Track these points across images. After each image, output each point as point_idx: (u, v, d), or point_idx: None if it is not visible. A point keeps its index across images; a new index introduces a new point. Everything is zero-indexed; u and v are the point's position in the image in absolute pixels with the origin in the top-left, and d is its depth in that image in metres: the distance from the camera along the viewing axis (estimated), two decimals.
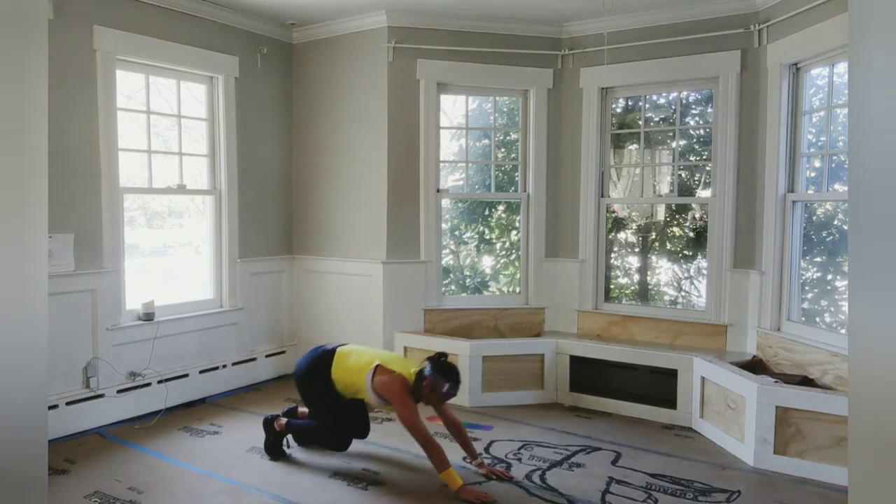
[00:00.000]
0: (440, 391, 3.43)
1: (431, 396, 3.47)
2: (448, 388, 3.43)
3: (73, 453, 3.79)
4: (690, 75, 4.74)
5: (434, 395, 3.46)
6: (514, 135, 5.44)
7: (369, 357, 3.63)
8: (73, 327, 4.07)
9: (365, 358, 3.62)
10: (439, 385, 3.42)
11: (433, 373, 3.45)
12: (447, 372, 3.46)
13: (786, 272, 4.35)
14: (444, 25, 5.00)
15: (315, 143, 5.43)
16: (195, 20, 4.70)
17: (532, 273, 5.30)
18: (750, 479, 3.55)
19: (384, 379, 3.49)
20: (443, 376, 3.43)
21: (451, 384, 3.44)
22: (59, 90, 3.94)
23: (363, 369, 3.56)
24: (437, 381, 3.42)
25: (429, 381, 3.44)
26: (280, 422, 3.78)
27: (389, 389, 3.45)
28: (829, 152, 4.13)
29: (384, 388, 3.47)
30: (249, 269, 5.18)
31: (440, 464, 3.29)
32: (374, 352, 3.74)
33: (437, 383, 3.42)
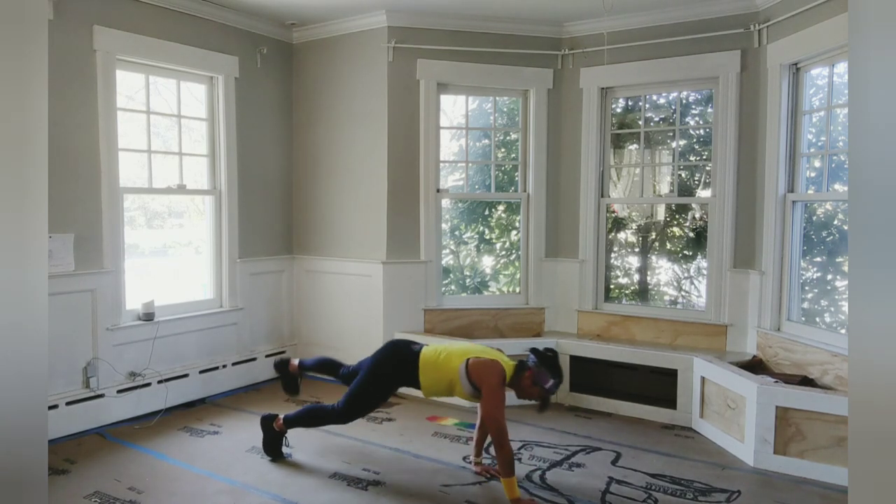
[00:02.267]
0: (542, 385, 3.26)
1: (532, 390, 3.30)
2: (552, 383, 3.27)
3: (73, 453, 3.79)
4: (690, 75, 4.74)
5: (535, 389, 3.29)
6: (514, 135, 5.44)
7: (462, 349, 3.45)
8: (73, 327, 4.07)
9: (458, 350, 3.44)
10: (543, 378, 3.26)
11: (538, 365, 3.28)
12: (553, 366, 3.29)
13: (786, 272, 4.35)
14: (444, 25, 5.00)
15: (315, 143, 5.43)
16: (195, 20, 4.70)
17: (532, 273, 5.30)
18: (750, 479, 3.55)
19: (481, 368, 3.27)
20: (549, 370, 3.27)
21: (555, 380, 3.28)
22: (59, 90, 3.94)
23: (457, 359, 3.37)
24: (541, 374, 3.26)
25: (532, 372, 3.28)
26: (278, 422, 3.78)
27: (486, 378, 3.24)
28: (829, 152, 4.13)
29: (480, 373, 3.26)
30: (249, 269, 5.18)
31: (506, 469, 3.14)
32: (467, 345, 3.56)
33: (541, 376, 3.26)
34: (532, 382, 3.29)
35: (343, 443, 3.99)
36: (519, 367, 3.35)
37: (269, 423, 3.77)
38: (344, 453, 3.83)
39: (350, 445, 3.93)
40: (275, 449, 3.76)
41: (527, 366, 3.32)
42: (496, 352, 3.48)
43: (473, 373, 3.28)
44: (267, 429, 3.77)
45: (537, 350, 3.36)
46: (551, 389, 3.28)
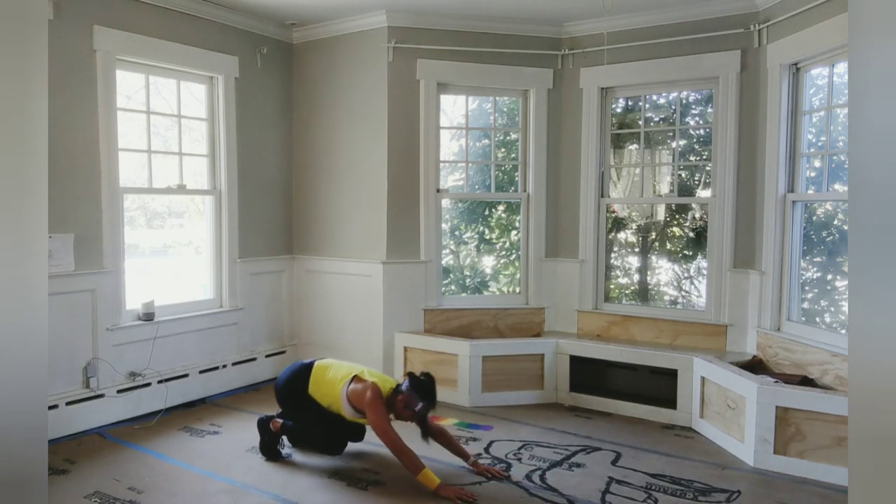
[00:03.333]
0: (413, 408, 3.42)
1: (404, 412, 3.46)
2: (422, 406, 3.41)
3: (73, 453, 3.79)
4: (690, 75, 4.73)
5: (407, 412, 3.45)
6: (514, 135, 5.44)
7: (347, 370, 3.65)
8: (73, 327, 4.07)
9: (343, 371, 3.64)
10: (413, 402, 3.41)
11: (410, 388, 3.45)
12: (424, 390, 3.45)
13: (786, 272, 4.35)
14: (443, 25, 5.00)
15: (315, 144, 5.43)
16: (195, 20, 4.70)
17: (532, 273, 5.30)
18: (750, 479, 3.55)
19: (357, 388, 3.51)
20: (419, 394, 3.42)
21: (425, 403, 3.42)
22: (59, 90, 3.93)
23: (340, 381, 3.58)
24: (411, 398, 3.42)
25: (404, 396, 3.45)
26: (275, 423, 3.78)
27: (361, 397, 3.46)
28: (829, 152, 4.13)
29: (357, 397, 3.49)
30: (249, 269, 5.18)
31: (414, 468, 3.30)
32: (352, 366, 3.73)
33: (411, 399, 3.42)
34: (404, 406, 3.44)
35: None
36: (394, 392, 3.51)
37: (266, 424, 3.79)
38: (344, 453, 3.83)
39: (350, 445, 3.93)
40: (271, 450, 3.76)
41: (400, 390, 3.49)
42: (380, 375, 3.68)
43: (352, 398, 3.52)
44: (264, 430, 3.78)
45: (413, 374, 3.52)
46: (421, 412, 3.42)
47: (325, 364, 3.74)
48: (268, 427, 3.78)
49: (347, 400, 3.53)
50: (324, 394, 3.63)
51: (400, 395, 3.47)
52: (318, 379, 3.67)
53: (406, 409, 3.44)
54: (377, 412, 3.41)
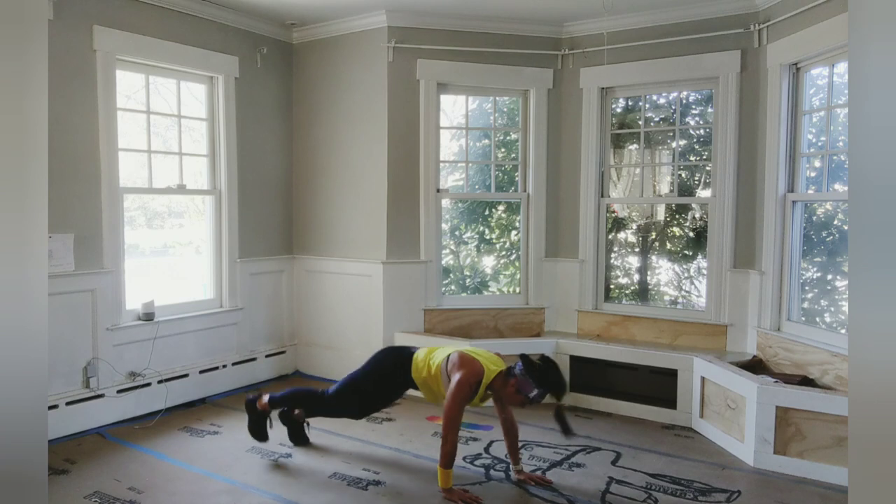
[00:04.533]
0: (526, 394, 3.17)
1: (515, 398, 3.21)
2: (536, 394, 3.15)
3: (73, 453, 3.79)
4: (690, 75, 4.74)
5: (518, 397, 3.20)
6: (514, 135, 5.44)
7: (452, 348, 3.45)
8: (73, 327, 4.07)
9: (447, 350, 3.44)
10: (527, 388, 3.15)
11: (524, 373, 3.17)
12: (542, 377, 3.16)
13: (786, 272, 4.35)
14: (444, 25, 5.00)
15: (315, 143, 5.43)
16: (195, 20, 4.70)
17: (532, 273, 5.30)
18: (750, 479, 3.55)
19: (460, 359, 3.25)
20: (534, 380, 3.15)
21: (540, 391, 3.15)
22: (59, 90, 3.94)
23: (441, 356, 3.38)
24: (525, 383, 3.16)
25: (517, 380, 3.19)
26: (262, 401, 3.76)
27: (459, 369, 3.22)
28: (829, 152, 4.13)
29: (456, 367, 3.24)
30: (249, 269, 5.18)
31: (445, 460, 3.17)
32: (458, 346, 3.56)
33: (524, 385, 3.16)
34: (515, 390, 3.20)
35: (343, 443, 3.99)
36: (506, 373, 3.28)
37: (253, 404, 3.78)
38: (344, 453, 3.83)
39: (350, 445, 3.93)
40: (259, 430, 3.76)
41: (513, 373, 3.24)
42: (490, 355, 3.42)
43: (451, 366, 3.28)
44: (251, 410, 3.78)
45: (526, 357, 3.25)
46: (535, 399, 3.18)
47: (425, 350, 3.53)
48: (255, 407, 3.77)
49: (446, 372, 3.29)
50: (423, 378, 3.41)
51: (513, 378, 3.21)
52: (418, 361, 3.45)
53: (518, 393, 3.19)
54: (460, 392, 3.16)
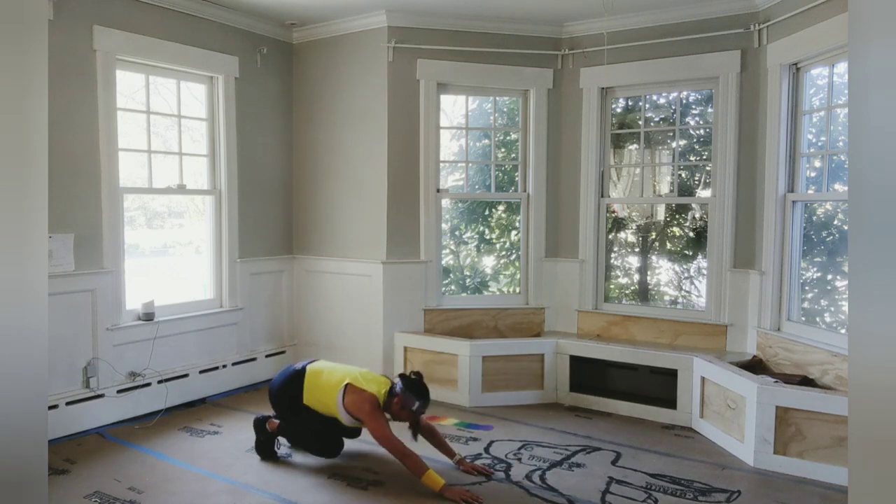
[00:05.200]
0: (410, 408, 3.46)
1: (402, 413, 3.50)
2: (418, 405, 3.46)
3: (73, 453, 3.79)
4: (690, 75, 4.74)
5: (404, 413, 3.49)
6: (514, 135, 5.44)
7: (340, 375, 3.62)
8: (73, 327, 4.07)
9: (336, 377, 3.62)
10: (409, 402, 3.45)
11: (404, 390, 3.47)
12: (418, 389, 3.48)
13: (786, 272, 4.35)
14: (444, 25, 5.00)
15: (315, 143, 5.43)
16: (195, 20, 4.70)
17: (532, 273, 5.30)
18: (750, 479, 3.55)
19: (354, 398, 3.50)
20: (414, 393, 3.46)
21: (421, 402, 3.47)
22: (59, 90, 3.94)
23: (334, 388, 3.57)
24: (407, 399, 3.46)
25: (399, 398, 3.47)
26: (272, 423, 3.78)
27: (360, 408, 3.48)
28: (829, 152, 4.13)
29: (355, 407, 3.49)
30: (249, 269, 5.18)
31: (418, 469, 3.30)
32: (345, 369, 3.70)
33: (407, 400, 3.46)
34: (401, 407, 3.47)
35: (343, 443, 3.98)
36: (389, 394, 3.54)
37: (263, 424, 3.78)
38: (344, 453, 3.83)
39: (350, 445, 3.93)
40: (267, 450, 3.76)
41: (395, 392, 3.51)
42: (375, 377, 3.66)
43: (350, 408, 3.52)
44: (260, 430, 3.78)
45: (403, 375, 3.55)
46: (419, 411, 3.48)
47: (317, 369, 3.71)
48: (264, 427, 3.77)
49: (345, 409, 3.53)
50: (319, 400, 3.62)
51: (396, 397, 3.49)
52: (311, 385, 3.65)
53: (403, 409, 3.48)
54: (377, 423, 3.43)
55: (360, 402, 3.48)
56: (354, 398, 3.50)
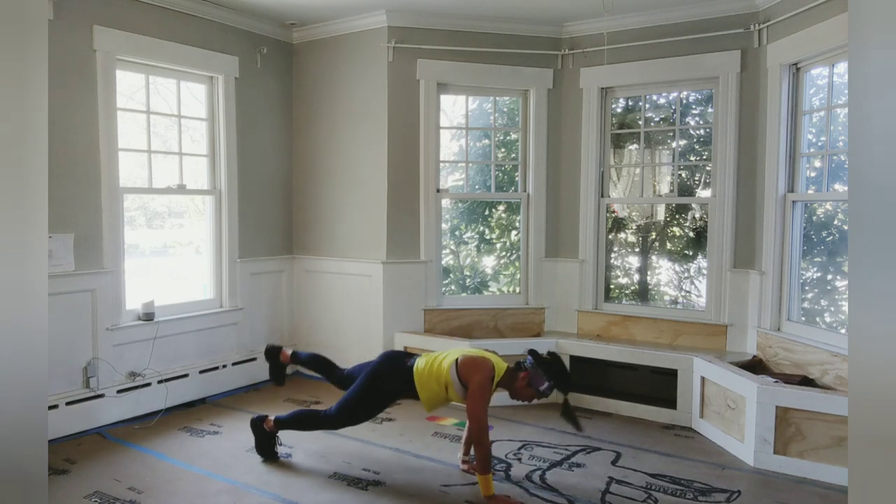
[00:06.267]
0: (537, 387, 3.25)
1: (526, 391, 3.29)
2: (546, 387, 3.24)
3: (73, 453, 3.79)
4: (690, 75, 4.74)
5: (529, 391, 3.28)
6: (514, 135, 5.44)
7: (453, 351, 3.46)
8: (73, 327, 4.07)
9: (448, 354, 3.44)
10: (538, 381, 3.25)
11: (535, 366, 3.27)
12: (553, 370, 3.26)
13: (786, 272, 4.35)
14: (443, 25, 5.00)
15: (315, 143, 5.43)
16: (195, 20, 4.70)
17: (532, 273, 5.30)
18: (750, 479, 3.55)
19: (470, 363, 3.27)
20: (545, 372, 3.24)
21: (550, 384, 3.24)
22: (59, 90, 3.93)
23: (447, 363, 3.36)
24: (536, 377, 3.25)
25: (528, 374, 3.27)
26: (269, 422, 3.75)
27: (474, 371, 3.24)
28: (829, 152, 4.13)
29: (468, 370, 3.25)
30: (249, 269, 5.18)
31: (483, 465, 3.16)
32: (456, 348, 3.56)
33: (536, 378, 3.25)
34: (527, 384, 3.29)
35: (343, 443, 3.99)
36: (515, 368, 3.36)
37: (260, 424, 3.75)
38: (344, 453, 3.83)
39: (350, 445, 3.93)
40: (267, 449, 3.75)
41: (523, 367, 3.33)
42: (491, 354, 3.47)
43: (463, 370, 3.30)
44: (257, 430, 3.75)
45: (535, 352, 3.34)
46: (545, 392, 3.27)
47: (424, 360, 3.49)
48: (262, 427, 3.74)
49: (457, 375, 3.29)
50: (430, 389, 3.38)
51: (523, 371, 3.29)
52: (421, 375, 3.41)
53: (529, 387, 3.27)
54: (482, 395, 3.20)
55: (477, 369, 3.25)
56: (470, 364, 3.28)
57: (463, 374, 3.29)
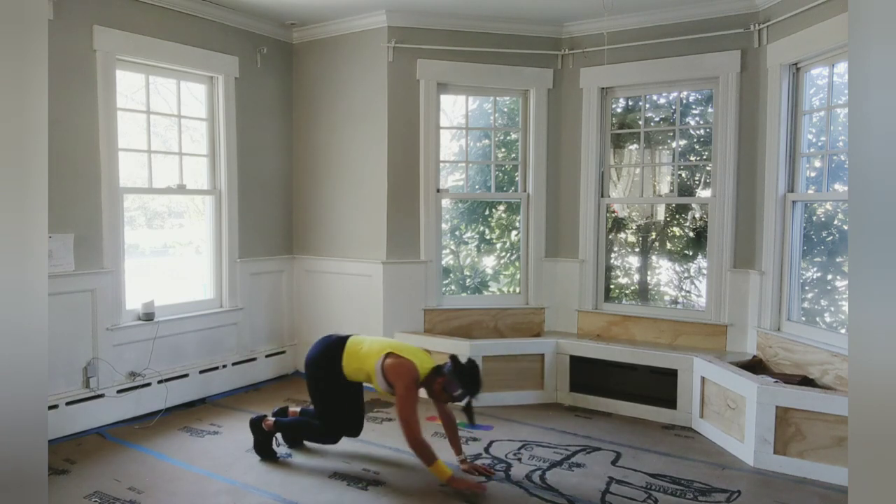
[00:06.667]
0: (451, 393, 3.38)
1: (441, 395, 3.43)
2: (460, 393, 3.36)
3: (73, 453, 3.79)
4: (690, 75, 4.74)
5: (444, 395, 3.42)
6: (514, 135, 5.44)
7: (383, 344, 3.58)
8: (73, 327, 4.07)
9: (378, 345, 3.57)
10: (453, 387, 3.37)
11: (452, 372, 3.38)
12: (467, 378, 3.37)
13: (786, 272, 4.35)
14: (444, 25, 5.00)
15: (315, 143, 5.43)
16: (195, 20, 4.70)
17: (532, 273, 5.30)
18: (750, 479, 3.55)
19: (394, 363, 3.42)
20: (458, 380, 3.36)
21: (464, 391, 3.36)
22: (59, 90, 3.93)
23: (375, 355, 3.50)
24: (451, 383, 3.37)
25: (444, 379, 3.39)
26: (268, 422, 3.76)
27: (398, 374, 3.39)
28: (829, 152, 4.13)
29: (393, 371, 3.40)
30: (249, 269, 5.18)
31: (428, 458, 3.29)
32: (389, 340, 3.67)
33: (451, 385, 3.37)
34: (441, 389, 3.41)
35: (343, 442, 3.98)
36: (434, 371, 3.46)
37: (258, 424, 3.77)
38: (344, 453, 3.83)
39: (350, 445, 3.93)
40: (267, 450, 3.76)
41: (441, 371, 3.43)
42: (417, 351, 3.60)
43: (388, 372, 3.43)
44: (257, 430, 3.77)
45: (456, 359, 3.44)
46: (459, 398, 3.37)
47: (359, 339, 3.67)
48: (261, 427, 3.76)
49: (382, 373, 3.44)
50: (358, 368, 3.54)
51: (441, 377, 3.41)
52: (352, 353, 3.58)
53: (444, 392, 3.40)
54: (408, 397, 3.34)
55: (400, 368, 3.40)
56: (394, 363, 3.42)
57: (389, 376, 3.43)
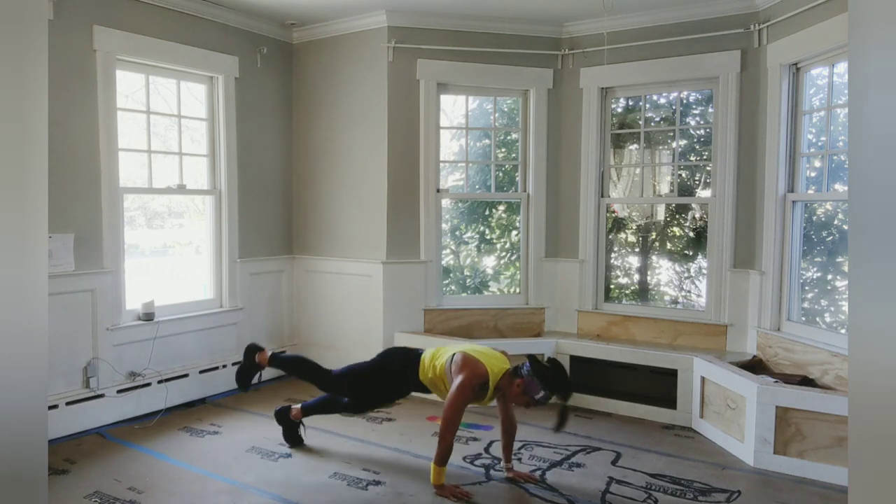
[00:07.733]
0: (532, 395, 3.18)
1: (520, 397, 3.22)
2: (542, 396, 3.16)
3: (73, 453, 3.79)
4: (690, 75, 4.74)
5: (524, 398, 3.21)
6: (514, 135, 5.44)
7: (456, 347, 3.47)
8: (73, 327, 4.07)
9: (452, 348, 3.46)
10: (534, 389, 3.16)
11: (531, 374, 3.19)
12: (550, 379, 3.17)
13: (786, 272, 4.35)
14: (444, 25, 5.00)
15: (315, 143, 5.43)
16: (195, 20, 4.70)
17: (532, 273, 5.30)
18: (750, 479, 3.55)
19: (465, 357, 3.27)
20: (541, 381, 3.16)
21: (546, 393, 3.16)
22: (59, 90, 3.93)
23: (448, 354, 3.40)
24: (532, 385, 3.17)
25: (523, 381, 3.20)
26: (295, 411, 3.87)
27: (464, 366, 3.23)
28: (829, 152, 4.13)
29: (461, 364, 3.25)
30: (249, 269, 5.18)
31: (440, 458, 3.24)
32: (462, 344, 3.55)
33: (531, 386, 3.17)
34: (521, 391, 3.21)
35: (343, 443, 3.99)
36: (512, 373, 3.28)
37: (285, 414, 3.88)
38: (344, 453, 3.83)
39: (350, 445, 3.93)
40: (295, 437, 3.89)
41: (520, 373, 3.24)
42: (495, 353, 3.43)
43: (455, 366, 3.29)
44: (283, 420, 3.89)
45: (534, 358, 3.26)
46: (541, 401, 3.19)
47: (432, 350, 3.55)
48: (287, 416, 3.88)
49: (450, 370, 3.31)
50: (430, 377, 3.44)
51: (519, 378, 3.22)
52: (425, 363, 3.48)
53: (524, 395, 3.20)
54: (462, 394, 3.17)
55: (468, 362, 3.24)
56: (464, 357, 3.27)
57: (454, 371, 3.28)
